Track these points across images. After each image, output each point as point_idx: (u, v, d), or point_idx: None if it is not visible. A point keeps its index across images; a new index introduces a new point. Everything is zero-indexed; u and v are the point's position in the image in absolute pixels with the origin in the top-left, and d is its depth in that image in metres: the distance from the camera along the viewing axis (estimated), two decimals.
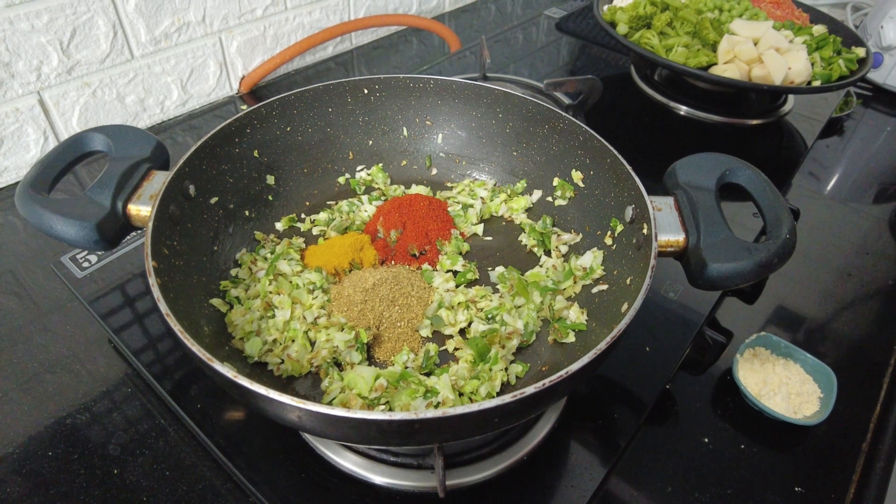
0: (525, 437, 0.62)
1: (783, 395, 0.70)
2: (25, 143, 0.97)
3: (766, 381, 0.72)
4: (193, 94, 1.16)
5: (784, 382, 0.72)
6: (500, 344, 0.65)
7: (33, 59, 0.92)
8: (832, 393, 0.70)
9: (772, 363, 0.74)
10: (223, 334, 0.64)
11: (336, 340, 0.63)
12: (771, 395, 0.71)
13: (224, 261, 0.72)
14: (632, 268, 0.64)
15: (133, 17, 1.00)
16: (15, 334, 0.75)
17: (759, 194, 0.62)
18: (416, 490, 0.58)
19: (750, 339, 0.75)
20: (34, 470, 0.61)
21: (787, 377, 0.72)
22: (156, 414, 0.67)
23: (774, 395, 0.71)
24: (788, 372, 0.73)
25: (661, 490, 0.63)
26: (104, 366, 0.72)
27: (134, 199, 0.60)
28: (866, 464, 0.68)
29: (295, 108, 0.77)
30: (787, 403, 0.70)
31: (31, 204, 0.56)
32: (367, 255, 0.74)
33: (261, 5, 1.18)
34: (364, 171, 0.86)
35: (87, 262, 0.79)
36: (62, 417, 0.66)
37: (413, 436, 0.45)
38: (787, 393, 0.71)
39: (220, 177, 0.71)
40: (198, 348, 0.45)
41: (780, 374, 0.73)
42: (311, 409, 0.41)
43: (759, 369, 0.73)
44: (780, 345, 0.75)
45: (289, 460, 0.60)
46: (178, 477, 0.61)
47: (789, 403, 0.70)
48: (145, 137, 0.65)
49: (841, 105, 1.33)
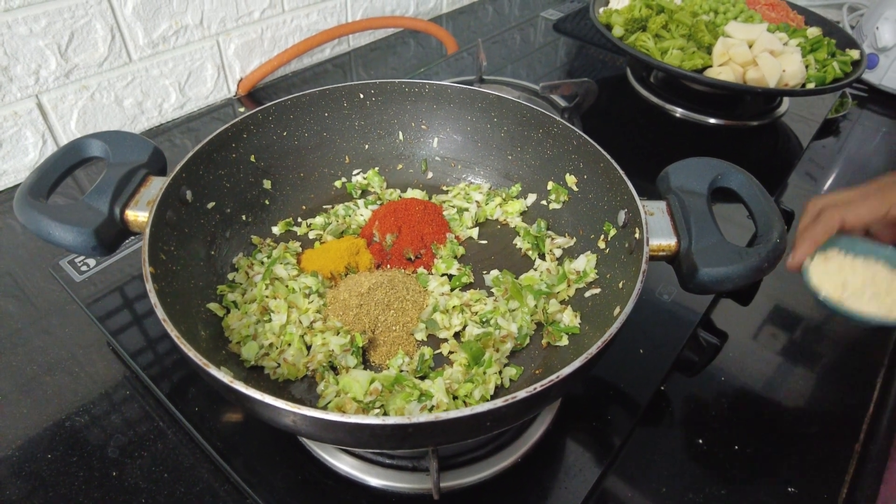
0: (520, 439, 0.63)
1: (870, 296, 0.63)
2: (24, 146, 0.97)
3: (847, 283, 0.64)
4: (191, 96, 1.16)
5: (868, 283, 0.64)
6: (495, 347, 0.66)
7: (31, 62, 0.92)
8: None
9: (850, 264, 0.66)
10: (220, 338, 0.64)
11: (332, 344, 0.63)
12: (856, 298, 0.64)
13: (221, 265, 0.72)
14: (624, 272, 0.64)
15: (131, 20, 1.00)
16: (13, 337, 0.75)
17: (751, 199, 0.62)
18: (411, 492, 0.59)
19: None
20: (34, 472, 0.62)
21: (872, 276, 0.65)
22: (154, 416, 0.67)
23: (860, 297, 0.64)
24: (871, 270, 0.65)
25: (655, 491, 0.63)
26: (103, 368, 0.72)
27: (131, 204, 0.60)
28: (858, 465, 0.68)
29: (291, 113, 0.77)
30: (879, 304, 0.63)
31: (30, 210, 0.57)
32: (363, 259, 0.74)
33: (258, 8, 1.18)
34: (360, 175, 0.87)
35: (85, 266, 0.79)
36: (61, 420, 0.66)
37: (407, 440, 0.45)
38: (874, 293, 0.63)
39: (217, 182, 0.71)
40: (194, 353, 0.45)
41: (861, 275, 0.65)
42: (306, 413, 0.41)
43: (836, 272, 0.66)
44: (856, 243, 0.66)
45: (285, 462, 0.61)
46: (177, 479, 0.62)
47: (880, 304, 0.63)
48: (142, 143, 0.65)
49: (836, 106, 1.33)
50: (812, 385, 0.76)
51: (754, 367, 0.77)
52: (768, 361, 0.78)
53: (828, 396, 0.75)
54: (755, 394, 0.74)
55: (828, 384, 0.76)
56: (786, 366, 0.78)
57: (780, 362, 0.78)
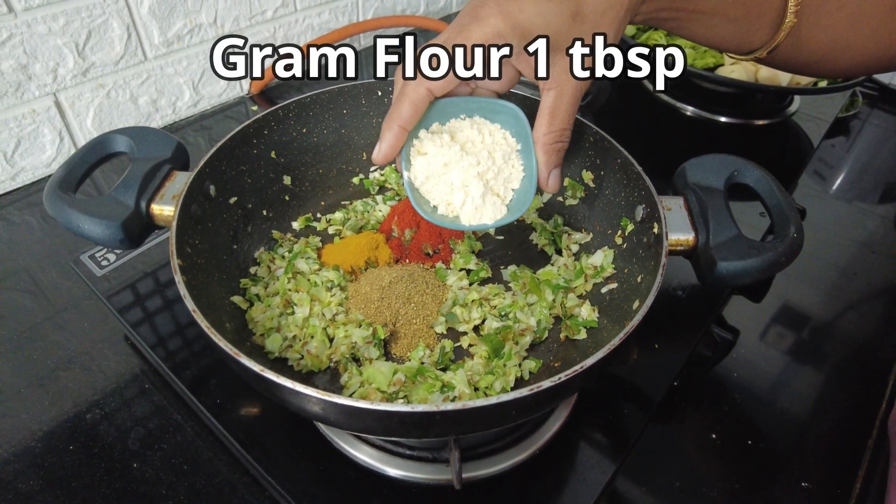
0: (537, 433, 0.63)
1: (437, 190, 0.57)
2: (41, 143, 0.98)
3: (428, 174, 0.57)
4: (205, 94, 1.17)
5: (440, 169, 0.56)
6: (514, 340, 0.66)
7: (50, 61, 0.93)
8: None
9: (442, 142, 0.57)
10: (244, 331, 0.65)
11: (354, 336, 0.64)
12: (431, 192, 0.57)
13: (243, 259, 0.73)
14: (642, 266, 0.65)
15: (147, 19, 1.01)
16: (30, 332, 0.76)
17: (768, 194, 0.63)
18: (430, 482, 0.60)
19: None
20: (56, 463, 0.63)
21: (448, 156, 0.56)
22: (172, 410, 0.68)
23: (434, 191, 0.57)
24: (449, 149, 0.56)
25: (669, 485, 0.63)
26: (121, 362, 0.73)
27: (157, 199, 0.61)
28: (872, 461, 0.68)
29: (311, 110, 0.78)
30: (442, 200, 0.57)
31: (60, 203, 0.58)
32: (383, 254, 0.75)
33: (271, 7, 1.19)
34: (377, 172, 0.88)
35: (105, 261, 0.80)
36: (82, 413, 0.68)
37: (434, 427, 0.46)
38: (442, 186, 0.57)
39: (239, 177, 0.73)
40: (225, 343, 0.46)
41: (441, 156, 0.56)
42: (337, 401, 0.42)
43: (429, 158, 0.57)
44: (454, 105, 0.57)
45: (306, 453, 0.62)
46: (196, 471, 0.63)
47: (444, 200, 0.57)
48: (166, 139, 0.66)
49: (847, 105, 1.34)
50: (823, 381, 0.76)
51: (766, 364, 0.77)
52: (779, 358, 0.78)
53: (840, 393, 0.75)
54: (767, 390, 0.74)
55: (839, 380, 0.77)
56: (796, 362, 0.78)
57: (790, 359, 0.79)
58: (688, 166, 0.66)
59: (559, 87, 0.52)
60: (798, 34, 0.59)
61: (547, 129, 0.53)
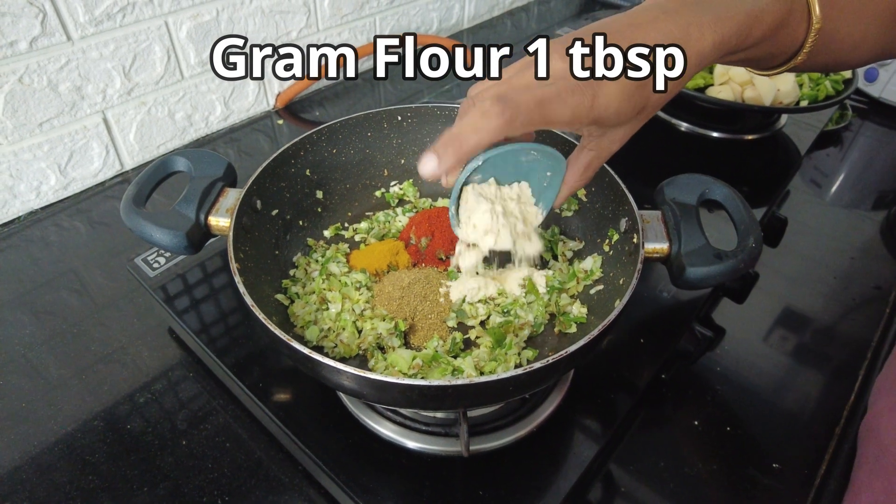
0: (534, 413, 0.67)
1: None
2: (90, 156, 1.04)
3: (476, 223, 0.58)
4: (234, 109, 1.23)
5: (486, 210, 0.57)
6: (514, 333, 0.71)
7: (100, 82, 0.99)
8: None
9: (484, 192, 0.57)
10: (286, 324, 0.71)
11: (379, 328, 0.70)
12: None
13: (284, 263, 0.78)
14: (624, 271, 0.69)
15: (185, 42, 1.08)
16: (78, 326, 0.82)
17: (733, 209, 0.68)
18: (442, 454, 0.64)
19: None
20: (116, 438, 0.69)
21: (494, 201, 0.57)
22: (213, 396, 0.73)
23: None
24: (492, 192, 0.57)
25: (654, 464, 0.68)
26: (165, 354, 0.78)
27: (213, 212, 0.67)
28: (837, 446, 0.72)
29: (340, 134, 0.84)
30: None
31: (135, 217, 0.65)
32: (402, 259, 0.80)
33: (296, 28, 1.25)
34: (397, 186, 0.92)
35: (156, 264, 0.86)
36: (136, 397, 0.73)
37: (446, 399, 0.53)
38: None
39: (280, 193, 0.78)
40: (280, 332, 0.54)
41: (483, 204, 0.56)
42: (370, 376, 0.50)
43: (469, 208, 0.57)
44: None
45: (336, 429, 0.66)
46: (237, 448, 0.68)
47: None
48: (218, 160, 0.72)
49: (836, 118, 1.37)
50: (799, 375, 0.80)
51: (747, 359, 0.81)
52: (760, 354, 0.82)
53: (814, 384, 0.78)
54: (748, 382, 0.77)
55: (815, 374, 0.80)
56: (776, 357, 0.82)
57: (770, 354, 0.82)
58: (666, 185, 0.71)
59: (598, 151, 0.56)
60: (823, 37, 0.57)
61: (578, 179, 0.59)
